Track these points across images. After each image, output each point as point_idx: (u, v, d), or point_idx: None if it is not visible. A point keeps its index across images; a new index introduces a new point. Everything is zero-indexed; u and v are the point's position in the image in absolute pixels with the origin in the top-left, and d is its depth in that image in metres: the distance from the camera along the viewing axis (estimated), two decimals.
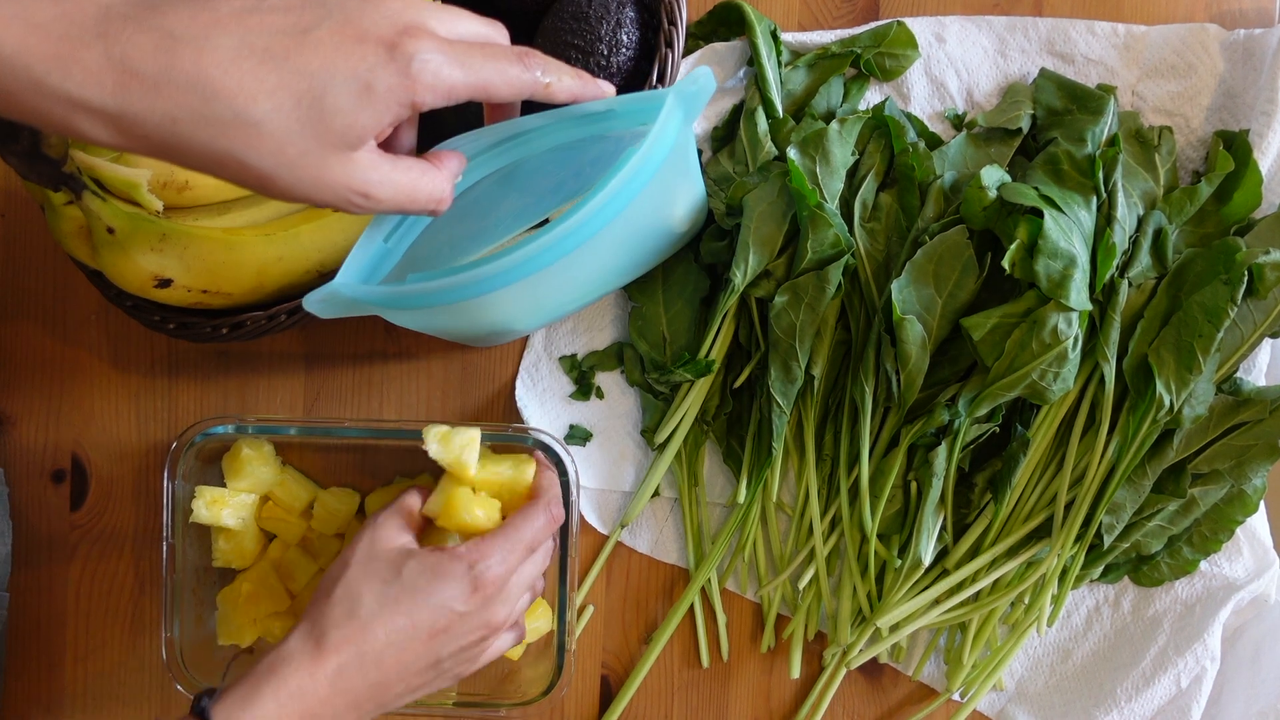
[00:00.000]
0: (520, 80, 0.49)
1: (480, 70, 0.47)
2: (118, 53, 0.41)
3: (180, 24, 0.42)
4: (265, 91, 0.43)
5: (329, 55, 0.44)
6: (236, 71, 0.42)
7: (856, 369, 0.68)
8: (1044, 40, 0.74)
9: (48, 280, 0.75)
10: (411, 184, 0.48)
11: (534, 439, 0.68)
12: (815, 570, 0.70)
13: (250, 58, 0.43)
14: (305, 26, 0.44)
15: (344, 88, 0.43)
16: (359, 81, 0.44)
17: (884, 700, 0.74)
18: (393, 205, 0.48)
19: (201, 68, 0.42)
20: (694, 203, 0.66)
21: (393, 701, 0.57)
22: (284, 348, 0.75)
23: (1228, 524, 0.69)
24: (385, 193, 0.47)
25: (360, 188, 0.46)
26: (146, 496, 0.74)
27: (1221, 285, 0.64)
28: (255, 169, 0.44)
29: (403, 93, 0.44)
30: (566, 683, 0.69)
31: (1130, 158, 0.69)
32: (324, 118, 0.44)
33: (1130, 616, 0.72)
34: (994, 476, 0.68)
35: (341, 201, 0.46)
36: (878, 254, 0.69)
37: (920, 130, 0.72)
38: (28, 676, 0.75)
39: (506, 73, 0.48)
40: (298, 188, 0.45)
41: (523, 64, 0.49)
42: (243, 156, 0.43)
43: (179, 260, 0.63)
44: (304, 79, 0.43)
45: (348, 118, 0.44)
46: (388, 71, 0.44)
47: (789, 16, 0.75)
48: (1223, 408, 0.66)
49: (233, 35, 0.43)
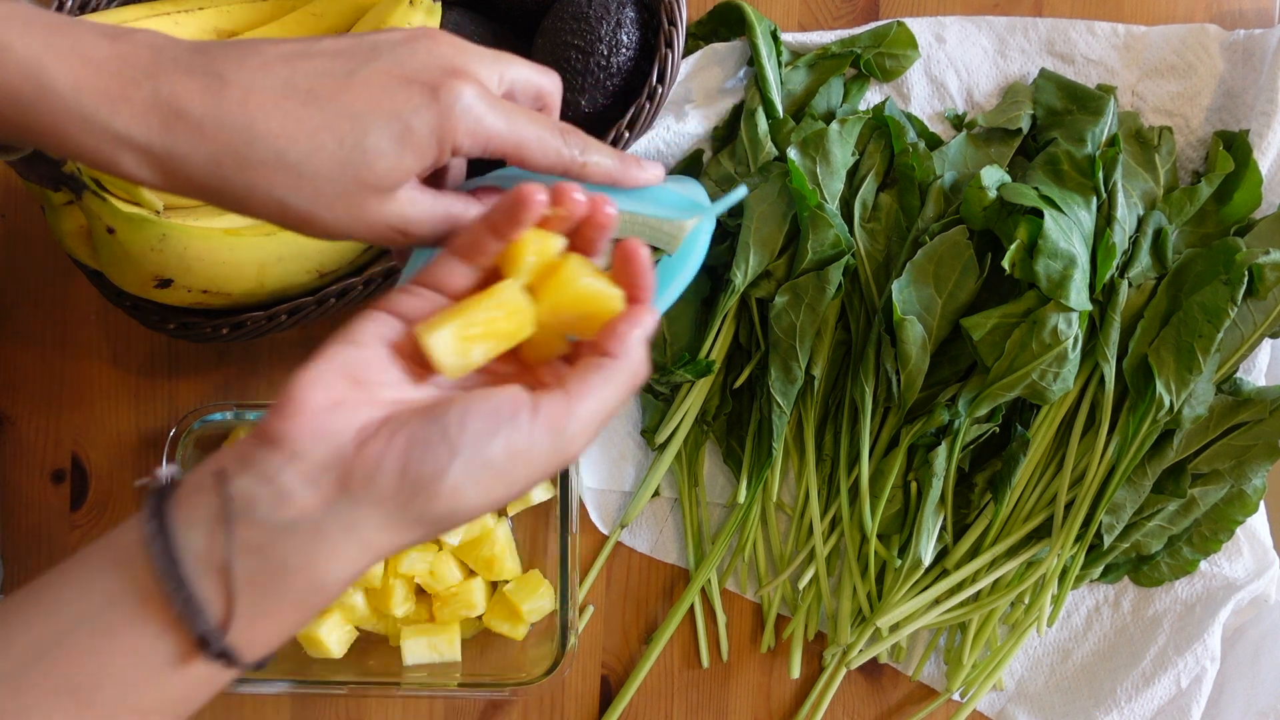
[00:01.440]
0: (557, 152, 0.47)
1: (521, 129, 0.46)
2: (166, 93, 0.42)
3: (229, 68, 0.43)
4: (306, 133, 0.43)
5: (373, 96, 0.43)
6: (279, 113, 0.43)
7: (856, 369, 0.68)
8: (1044, 40, 0.74)
9: (48, 280, 0.75)
10: (452, 220, 0.47)
11: None
12: (815, 570, 0.71)
13: (294, 98, 0.43)
14: (351, 69, 0.44)
15: (385, 130, 0.43)
16: (401, 123, 0.43)
17: (884, 700, 0.74)
18: (433, 240, 0.47)
19: (246, 109, 0.42)
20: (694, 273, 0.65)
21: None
22: (284, 347, 0.75)
23: (1228, 524, 0.69)
24: (425, 230, 0.46)
25: (399, 225, 0.46)
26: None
27: (1221, 285, 0.64)
28: (295, 210, 0.44)
29: (443, 135, 0.44)
30: (570, 662, 0.69)
31: (1130, 158, 0.69)
32: (365, 159, 0.43)
33: (1130, 616, 0.72)
34: (994, 476, 0.68)
35: (380, 238, 0.46)
36: (878, 254, 0.69)
37: (920, 130, 0.72)
38: None
39: (545, 141, 0.47)
40: (336, 226, 0.45)
41: (563, 139, 0.47)
42: (282, 196, 0.43)
43: (179, 260, 0.63)
44: (346, 120, 0.43)
45: (387, 160, 0.44)
46: (429, 114, 0.44)
47: (789, 16, 0.75)
48: (1223, 408, 0.66)
49: (279, 77, 0.43)
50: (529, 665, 0.71)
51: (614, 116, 0.67)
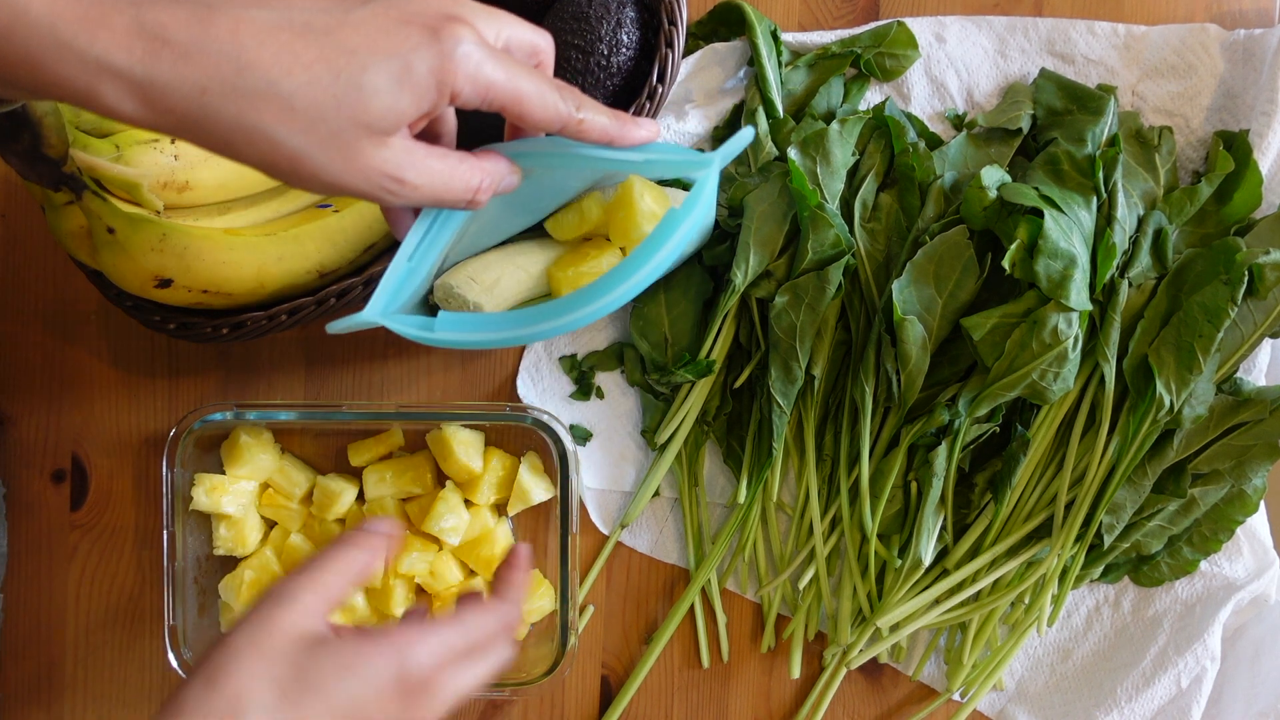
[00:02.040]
0: (555, 107, 0.47)
1: (519, 81, 0.45)
2: (150, 19, 0.40)
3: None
4: (301, 65, 0.41)
5: (371, 34, 0.42)
6: (273, 43, 0.41)
7: (857, 369, 0.68)
8: (1044, 40, 0.74)
9: (48, 280, 0.75)
10: (448, 171, 0.46)
11: (532, 418, 0.69)
12: (815, 570, 0.71)
13: (288, 31, 0.41)
14: (349, 6, 0.43)
15: (384, 67, 0.42)
16: (400, 61, 0.42)
17: (884, 700, 0.74)
18: (427, 194, 0.46)
19: (237, 37, 0.41)
20: (707, 228, 0.67)
21: None
22: (284, 348, 0.75)
23: (1228, 524, 0.69)
24: (420, 179, 0.45)
25: (394, 172, 0.44)
26: (147, 496, 0.74)
27: (1221, 285, 0.64)
28: (285, 147, 0.42)
29: (442, 77, 0.43)
30: (569, 662, 0.69)
31: (1130, 158, 0.69)
32: (361, 97, 0.42)
33: (1130, 616, 0.72)
34: (994, 476, 0.68)
35: (373, 188, 0.45)
36: (878, 254, 0.69)
37: (920, 130, 0.72)
38: (28, 676, 0.75)
39: (544, 95, 0.46)
40: (327, 170, 0.43)
41: (560, 95, 0.47)
42: (272, 132, 0.42)
43: (179, 260, 0.63)
44: (344, 55, 0.42)
45: (385, 99, 0.42)
46: (429, 53, 0.43)
47: (789, 16, 0.75)
48: (1223, 408, 0.66)
49: (272, 9, 0.42)
50: (529, 665, 0.71)
51: None
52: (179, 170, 0.64)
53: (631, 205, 0.64)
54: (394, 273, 0.53)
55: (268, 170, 0.43)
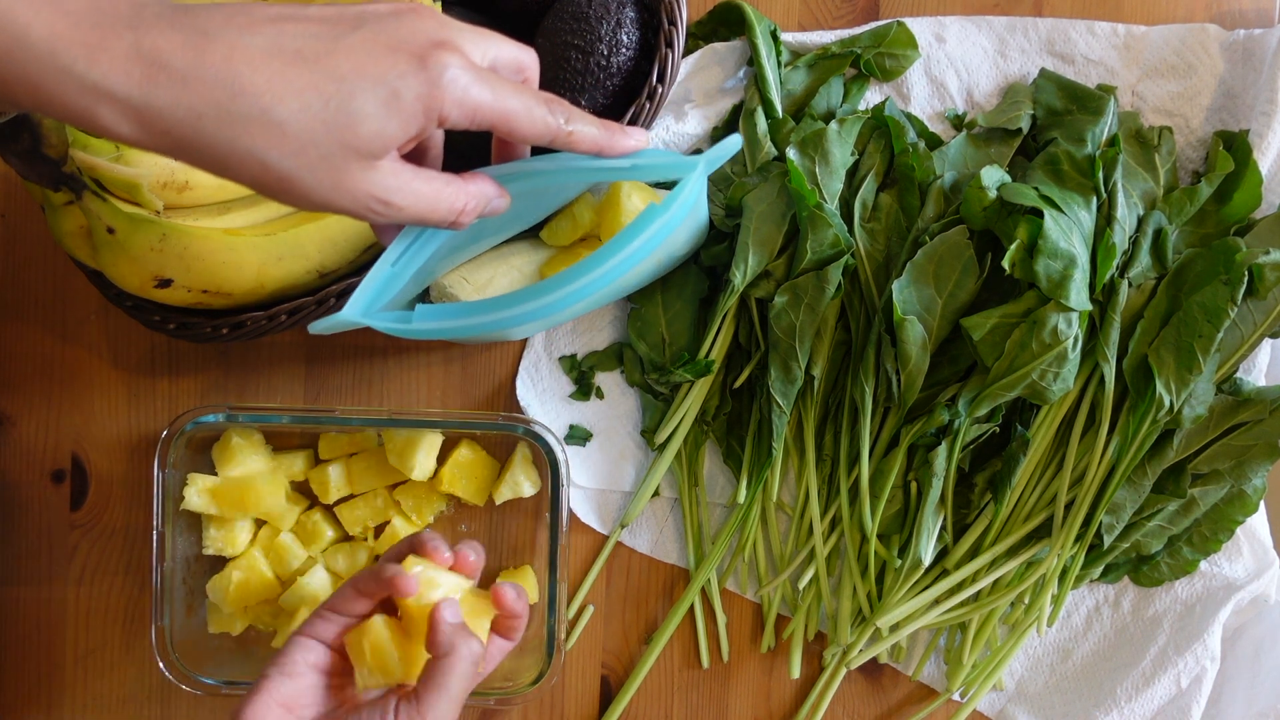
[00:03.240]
0: (543, 121, 0.48)
1: (507, 99, 0.46)
2: (148, 45, 0.41)
3: (214, 25, 0.42)
4: (293, 91, 0.43)
5: (360, 61, 0.44)
6: (266, 70, 0.42)
7: (856, 369, 0.68)
8: (1044, 40, 0.74)
9: (48, 280, 0.75)
10: (434, 194, 0.48)
11: (524, 429, 0.69)
12: (815, 570, 0.71)
13: (280, 58, 0.43)
14: (338, 34, 0.44)
15: (372, 93, 0.43)
16: (387, 88, 0.44)
17: (884, 700, 0.74)
18: (414, 214, 0.47)
19: (231, 64, 0.42)
20: (699, 232, 0.67)
21: None
22: (284, 348, 0.75)
23: (1228, 524, 0.69)
24: (406, 200, 0.47)
25: (381, 194, 0.46)
26: (146, 496, 0.74)
27: (1221, 285, 0.64)
28: (276, 170, 0.44)
29: (430, 103, 0.44)
30: (556, 672, 0.69)
31: (1130, 158, 0.69)
32: (350, 122, 0.43)
33: (1130, 616, 0.72)
34: (994, 476, 0.68)
35: (361, 209, 0.46)
36: (878, 254, 0.69)
37: (920, 130, 0.72)
38: (28, 676, 0.75)
39: (532, 110, 0.47)
40: (317, 192, 0.45)
41: (548, 108, 0.48)
42: (264, 156, 0.43)
43: (179, 260, 0.63)
44: (333, 82, 0.43)
45: (373, 124, 0.44)
46: (417, 80, 0.44)
47: (789, 16, 0.75)
48: (1223, 408, 0.66)
49: (265, 36, 0.43)
50: (517, 674, 0.71)
51: (614, 116, 0.67)
52: (179, 170, 0.64)
53: (618, 204, 0.67)
54: (375, 276, 0.54)
55: (259, 189, 0.45)
